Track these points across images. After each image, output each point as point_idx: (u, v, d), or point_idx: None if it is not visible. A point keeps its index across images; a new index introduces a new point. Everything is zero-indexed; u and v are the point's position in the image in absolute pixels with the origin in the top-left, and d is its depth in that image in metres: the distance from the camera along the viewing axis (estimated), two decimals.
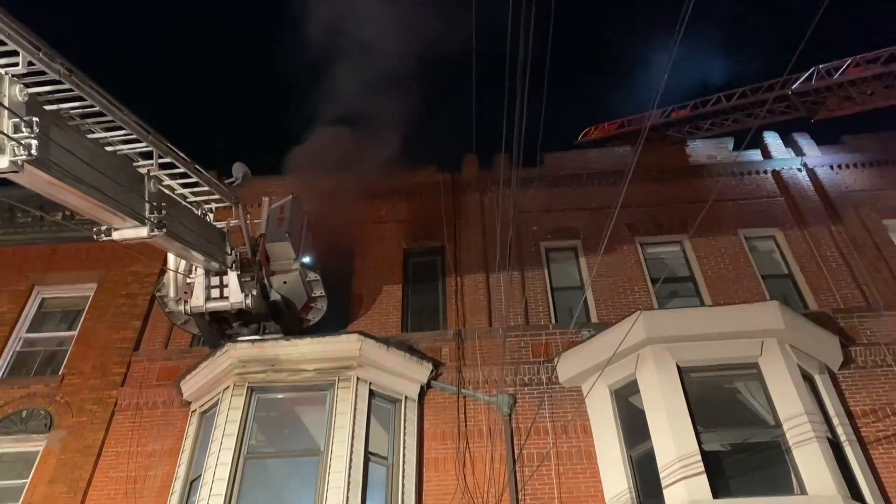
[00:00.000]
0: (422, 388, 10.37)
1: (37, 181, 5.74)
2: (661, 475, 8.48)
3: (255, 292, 9.71)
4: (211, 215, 9.38)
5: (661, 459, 8.61)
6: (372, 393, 9.78)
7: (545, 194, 13.65)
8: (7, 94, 5.25)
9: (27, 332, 12.34)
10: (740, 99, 17.65)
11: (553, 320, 11.63)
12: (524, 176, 11.92)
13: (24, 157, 5.21)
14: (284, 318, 10.45)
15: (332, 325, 11.50)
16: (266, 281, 10.12)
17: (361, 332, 10.09)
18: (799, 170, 13.67)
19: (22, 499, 9.88)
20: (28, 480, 10.12)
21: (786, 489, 8.37)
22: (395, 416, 9.93)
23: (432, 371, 10.47)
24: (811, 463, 8.32)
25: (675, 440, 8.62)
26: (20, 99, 5.34)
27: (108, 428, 10.57)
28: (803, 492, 8.15)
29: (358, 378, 9.72)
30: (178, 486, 9.54)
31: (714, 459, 8.59)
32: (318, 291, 10.88)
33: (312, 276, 10.74)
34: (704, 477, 8.21)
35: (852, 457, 8.85)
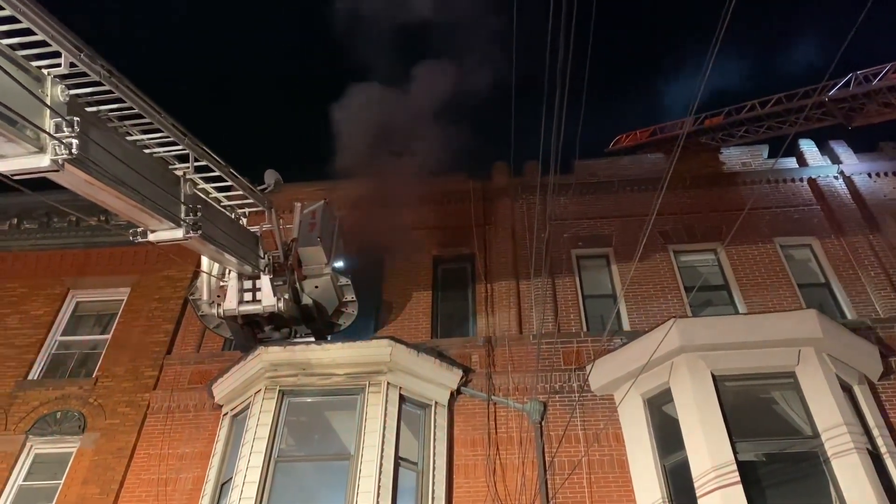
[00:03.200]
0: (452, 394, 10.33)
1: (76, 181, 5.79)
2: (696, 485, 8.33)
3: (287, 296, 9.72)
4: (244, 220, 9.43)
5: (696, 469, 8.46)
6: (402, 398, 9.76)
7: (576, 202, 13.54)
8: (49, 93, 5.33)
9: (62, 334, 12.53)
10: (775, 106, 17.43)
11: (584, 328, 11.52)
12: (556, 183, 11.87)
13: (64, 155, 5.27)
14: (316, 323, 10.46)
15: (363, 330, 11.54)
16: (298, 285, 10.13)
17: (392, 338, 10.08)
18: (836, 177, 13.44)
19: (56, 499, 10.01)
20: (62, 481, 10.25)
21: (824, 501, 8.18)
22: (425, 421, 9.89)
23: (462, 377, 10.42)
24: (851, 475, 8.13)
25: (709, 450, 8.47)
26: (62, 99, 5.41)
27: (140, 430, 10.68)
28: None
29: (388, 383, 9.70)
30: (208, 489, 9.57)
31: (750, 470, 8.43)
32: (350, 296, 10.88)
33: (344, 280, 10.74)
34: (740, 487, 8.05)
35: (893, 469, 8.62)
